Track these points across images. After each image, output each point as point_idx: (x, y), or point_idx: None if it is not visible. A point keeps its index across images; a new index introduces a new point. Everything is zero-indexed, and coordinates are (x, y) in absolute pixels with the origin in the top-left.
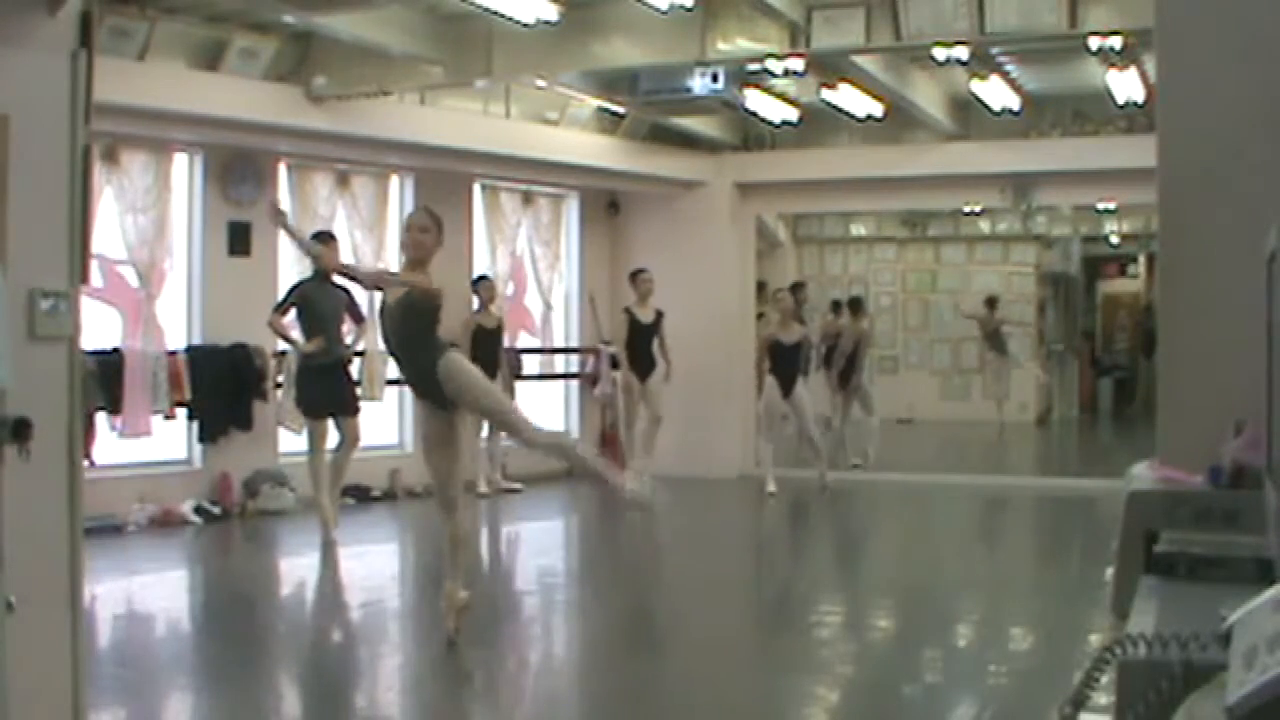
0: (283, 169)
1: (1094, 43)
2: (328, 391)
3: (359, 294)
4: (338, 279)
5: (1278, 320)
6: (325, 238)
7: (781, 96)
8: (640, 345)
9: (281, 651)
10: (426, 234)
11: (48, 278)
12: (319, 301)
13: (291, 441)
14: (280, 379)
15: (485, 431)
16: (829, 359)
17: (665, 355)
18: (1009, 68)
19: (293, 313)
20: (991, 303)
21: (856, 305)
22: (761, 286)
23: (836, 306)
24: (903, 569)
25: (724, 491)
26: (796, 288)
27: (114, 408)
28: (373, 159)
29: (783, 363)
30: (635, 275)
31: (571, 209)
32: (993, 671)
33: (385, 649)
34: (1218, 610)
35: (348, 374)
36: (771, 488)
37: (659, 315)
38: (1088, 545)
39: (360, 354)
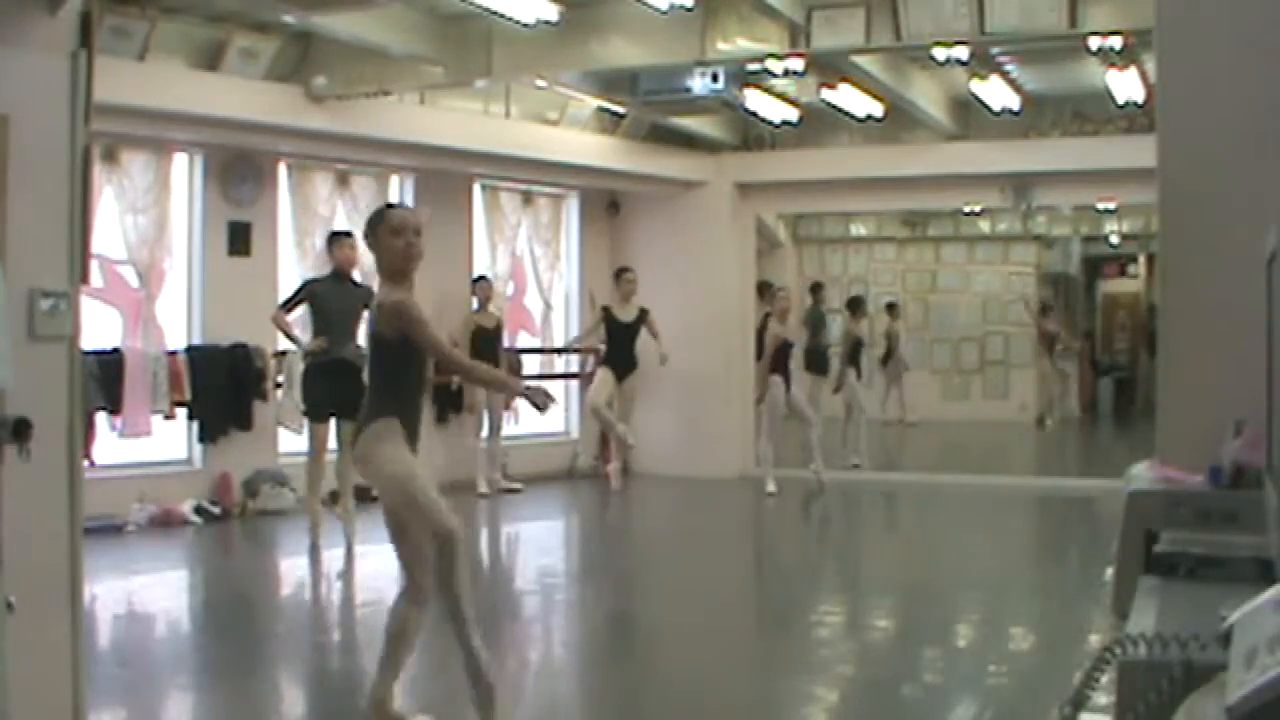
0: (283, 169)
1: (1094, 43)
2: (330, 393)
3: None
4: (357, 277)
5: (1278, 320)
6: (341, 236)
7: (781, 96)
8: (618, 343)
9: (281, 651)
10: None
11: (48, 278)
12: (330, 300)
13: (291, 441)
14: (280, 379)
15: (485, 431)
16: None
17: (659, 345)
18: (1009, 68)
19: (302, 311)
20: (1045, 309)
21: (855, 305)
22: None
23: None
24: (903, 569)
25: (724, 491)
26: (816, 288)
27: (114, 408)
28: (373, 159)
29: (788, 360)
30: (619, 274)
31: (571, 209)
32: (993, 671)
33: None
34: (1218, 610)
35: (355, 376)
36: (772, 488)
37: (642, 313)
38: (1088, 545)
39: None
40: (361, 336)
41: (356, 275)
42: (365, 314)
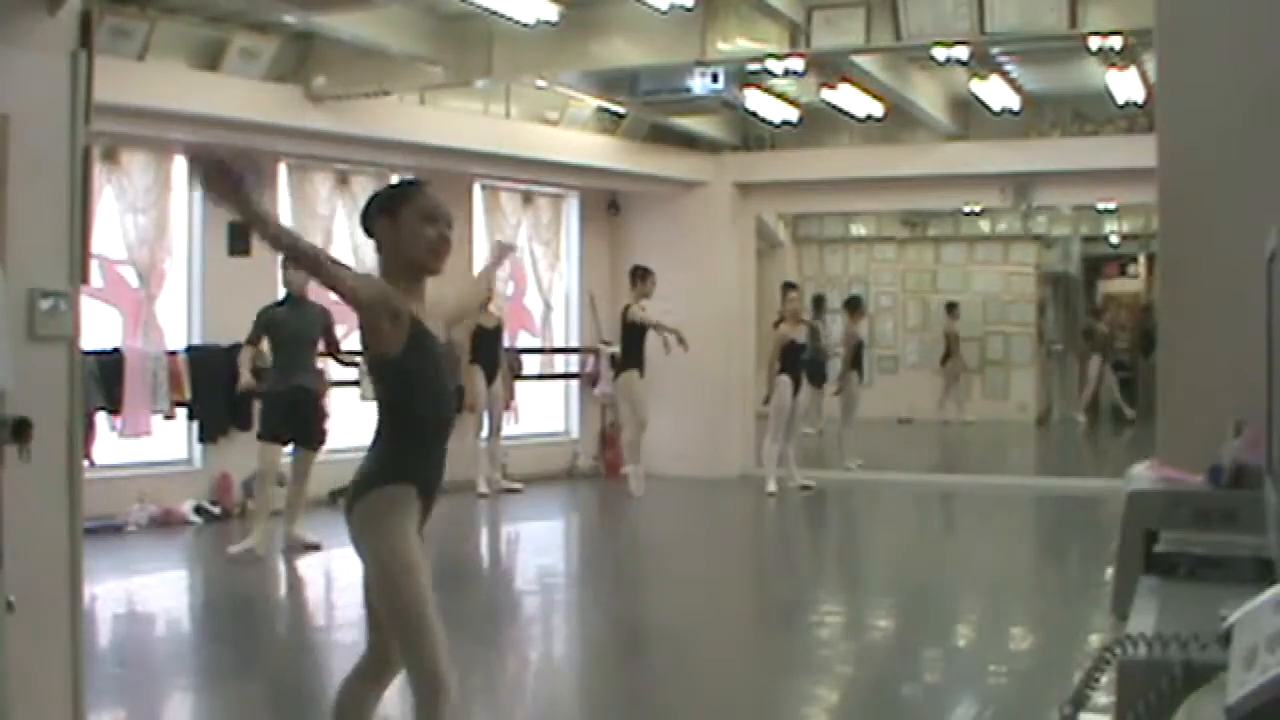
0: (283, 169)
1: (1094, 43)
2: (286, 420)
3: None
4: (317, 299)
5: (1278, 320)
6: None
7: (781, 96)
8: (644, 345)
9: (280, 651)
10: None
11: (48, 278)
12: (284, 326)
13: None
14: None
15: (485, 431)
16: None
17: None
18: (1009, 68)
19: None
20: (1099, 311)
21: (854, 305)
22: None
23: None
24: (902, 569)
25: (726, 491)
26: (818, 301)
27: (114, 408)
28: (373, 159)
29: (797, 362)
30: (646, 273)
31: (571, 209)
32: (993, 671)
33: None
34: (1218, 610)
35: (313, 404)
36: (772, 488)
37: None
38: (1088, 545)
39: (359, 354)
40: (322, 363)
41: (311, 297)
42: (322, 340)
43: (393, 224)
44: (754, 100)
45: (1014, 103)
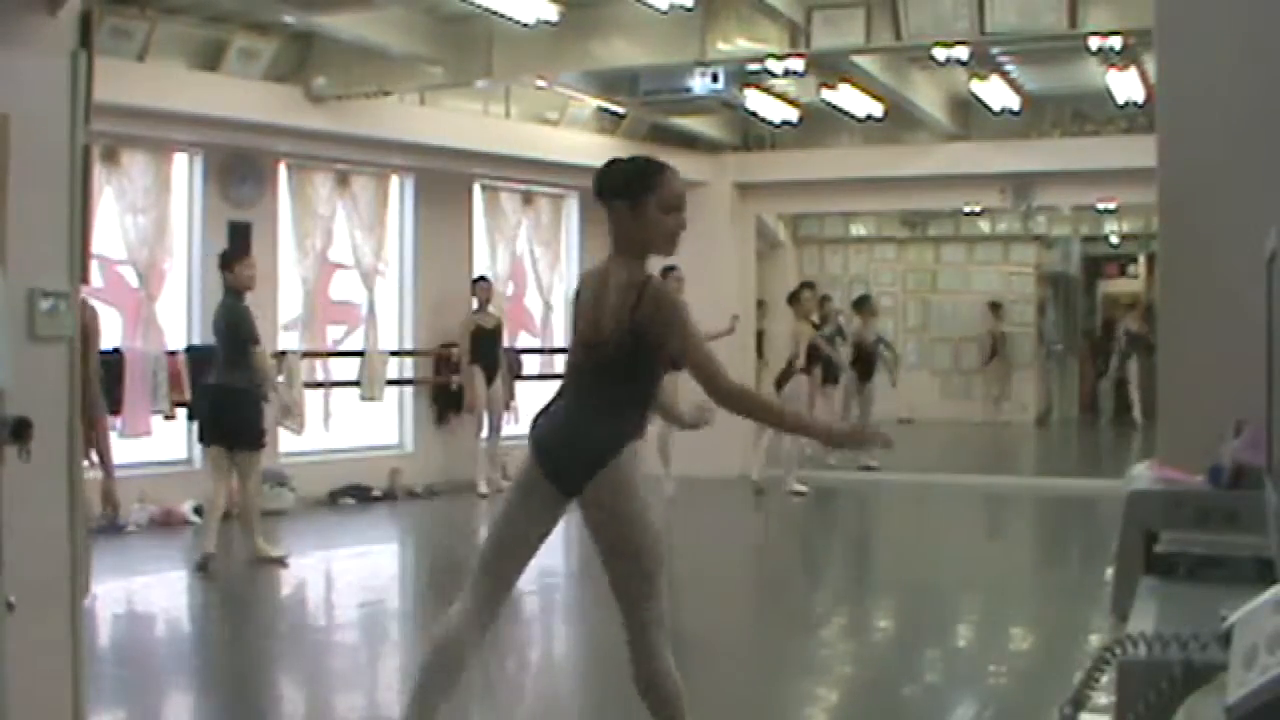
0: (283, 169)
1: (1094, 43)
2: (217, 419)
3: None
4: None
5: (1278, 320)
6: (244, 256)
7: (781, 96)
8: None
9: (281, 651)
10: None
11: (48, 278)
12: (217, 321)
13: (292, 441)
14: (280, 379)
15: (485, 431)
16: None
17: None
18: (1009, 68)
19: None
20: (1131, 307)
21: (861, 304)
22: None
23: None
24: (903, 569)
25: (725, 491)
26: (825, 300)
27: (114, 408)
28: (373, 159)
29: (814, 361)
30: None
31: (571, 209)
32: (993, 671)
33: (385, 649)
34: (1218, 610)
35: (246, 401)
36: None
37: None
38: (1088, 545)
39: (359, 354)
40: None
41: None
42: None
43: (631, 210)
44: (754, 100)
45: (1014, 103)
